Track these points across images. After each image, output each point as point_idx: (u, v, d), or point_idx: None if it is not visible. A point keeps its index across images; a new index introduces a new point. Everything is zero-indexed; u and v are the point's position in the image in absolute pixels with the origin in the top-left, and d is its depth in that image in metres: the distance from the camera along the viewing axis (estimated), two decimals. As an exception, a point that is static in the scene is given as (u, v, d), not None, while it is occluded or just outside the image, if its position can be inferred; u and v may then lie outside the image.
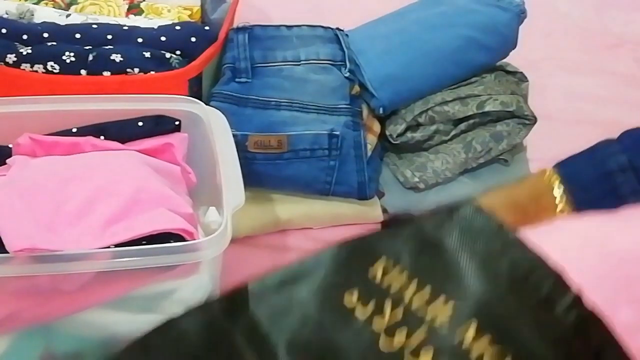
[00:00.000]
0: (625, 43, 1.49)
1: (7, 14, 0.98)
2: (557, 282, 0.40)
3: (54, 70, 0.91)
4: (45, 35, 0.94)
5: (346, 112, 0.99)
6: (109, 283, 0.69)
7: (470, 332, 0.40)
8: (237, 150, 0.82)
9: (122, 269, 0.67)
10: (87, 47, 0.93)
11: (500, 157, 1.04)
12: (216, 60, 1.01)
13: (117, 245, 0.69)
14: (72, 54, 0.91)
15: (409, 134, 1.03)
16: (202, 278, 0.73)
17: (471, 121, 1.02)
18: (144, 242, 0.70)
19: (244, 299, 0.46)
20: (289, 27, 1.07)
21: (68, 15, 0.99)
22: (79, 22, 0.98)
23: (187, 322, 0.46)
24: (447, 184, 1.03)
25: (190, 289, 0.73)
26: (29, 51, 0.91)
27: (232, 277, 0.93)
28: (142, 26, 0.98)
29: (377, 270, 0.44)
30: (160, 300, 0.72)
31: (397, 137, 1.02)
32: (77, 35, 0.94)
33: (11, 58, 0.91)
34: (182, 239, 0.72)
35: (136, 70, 0.92)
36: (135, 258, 0.67)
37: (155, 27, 0.98)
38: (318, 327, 0.43)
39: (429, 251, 0.44)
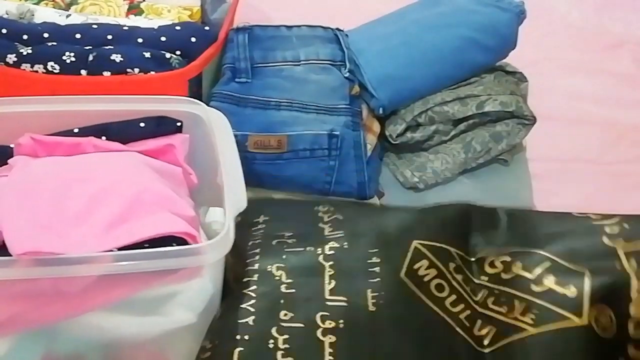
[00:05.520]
0: (625, 43, 1.49)
1: (7, 14, 0.98)
2: None
3: (54, 71, 0.91)
4: (46, 35, 0.94)
5: (346, 112, 0.99)
6: (111, 286, 0.69)
7: None
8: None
9: (125, 272, 0.67)
10: (87, 47, 0.93)
11: (500, 157, 1.04)
12: (216, 61, 1.01)
13: (119, 249, 0.69)
14: (72, 54, 0.91)
15: (408, 134, 1.03)
16: (204, 281, 0.73)
17: (471, 121, 1.03)
18: (146, 245, 0.70)
19: None
20: (288, 27, 1.07)
21: (68, 16, 0.99)
22: (79, 22, 0.98)
23: None
24: (446, 184, 1.03)
25: (192, 292, 0.73)
26: (29, 51, 0.91)
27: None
28: (142, 26, 0.98)
29: None
30: (163, 303, 0.72)
31: (396, 137, 1.03)
32: (77, 36, 0.94)
33: (11, 58, 0.91)
34: (185, 242, 0.72)
35: (136, 70, 0.92)
36: (137, 261, 0.67)
37: (156, 27, 0.98)
38: None
39: None
